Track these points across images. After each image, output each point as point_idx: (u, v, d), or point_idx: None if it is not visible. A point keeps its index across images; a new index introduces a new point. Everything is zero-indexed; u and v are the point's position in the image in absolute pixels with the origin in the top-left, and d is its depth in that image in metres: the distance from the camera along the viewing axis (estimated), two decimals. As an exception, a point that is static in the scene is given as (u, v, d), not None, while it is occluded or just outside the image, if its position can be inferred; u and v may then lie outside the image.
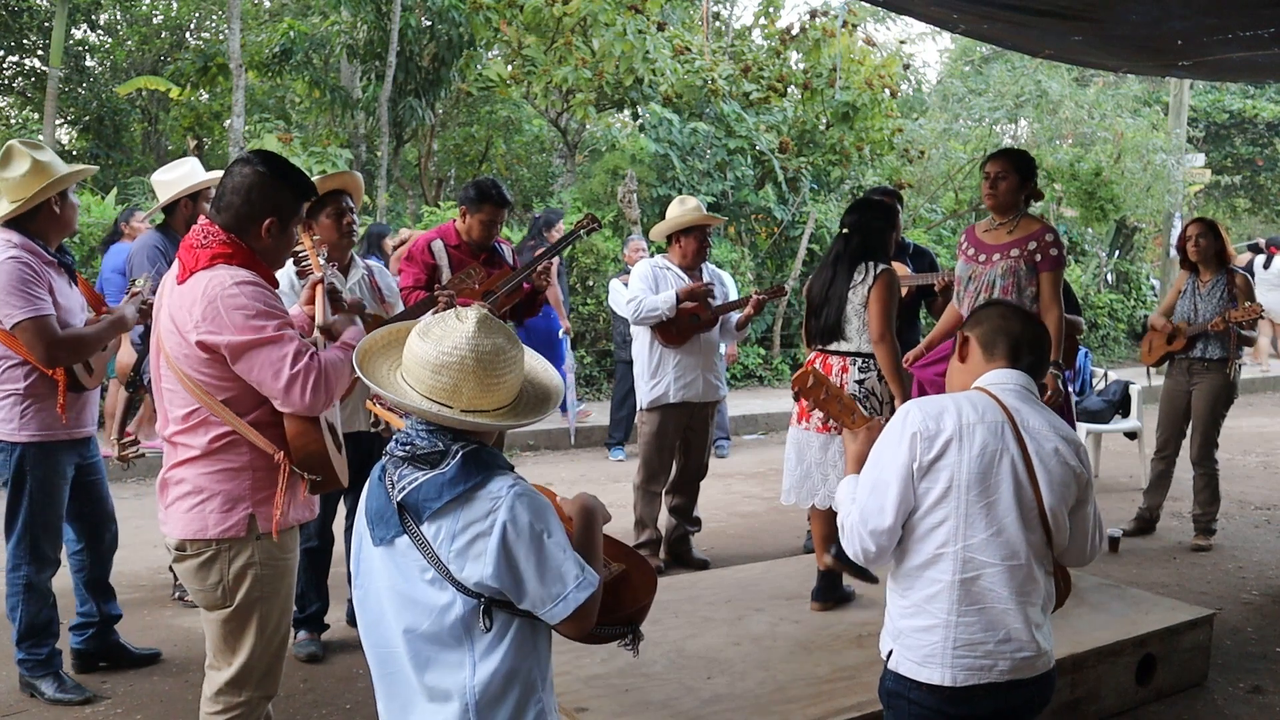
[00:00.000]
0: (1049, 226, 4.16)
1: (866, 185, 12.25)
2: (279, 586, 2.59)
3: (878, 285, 3.98)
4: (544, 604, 1.85)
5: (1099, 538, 2.25)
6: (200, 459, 2.50)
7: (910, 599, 2.12)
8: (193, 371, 2.45)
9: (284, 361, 2.40)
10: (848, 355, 4.06)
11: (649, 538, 5.21)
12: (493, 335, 1.91)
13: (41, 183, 3.40)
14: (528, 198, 14.39)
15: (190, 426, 2.50)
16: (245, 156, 2.58)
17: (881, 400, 4.04)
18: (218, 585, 2.53)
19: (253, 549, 2.52)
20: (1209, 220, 5.76)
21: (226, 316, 2.39)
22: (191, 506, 2.51)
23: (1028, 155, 4.25)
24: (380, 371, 2.00)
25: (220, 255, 2.46)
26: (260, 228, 2.52)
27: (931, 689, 2.08)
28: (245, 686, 2.58)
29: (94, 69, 14.77)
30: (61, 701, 3.58)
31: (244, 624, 2.56)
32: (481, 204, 4.49)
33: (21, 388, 3.46)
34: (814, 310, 4.15)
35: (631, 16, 11.39)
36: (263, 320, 2.41)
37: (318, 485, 2.55)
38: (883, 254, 4.09)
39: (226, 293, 2.41)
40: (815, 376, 2.32)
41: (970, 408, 2.09)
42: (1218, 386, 5.56)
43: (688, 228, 5.06)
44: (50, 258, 3.45)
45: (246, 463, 2.50)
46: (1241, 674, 4.00)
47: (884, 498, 2.07)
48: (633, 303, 5.04)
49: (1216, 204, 22.60)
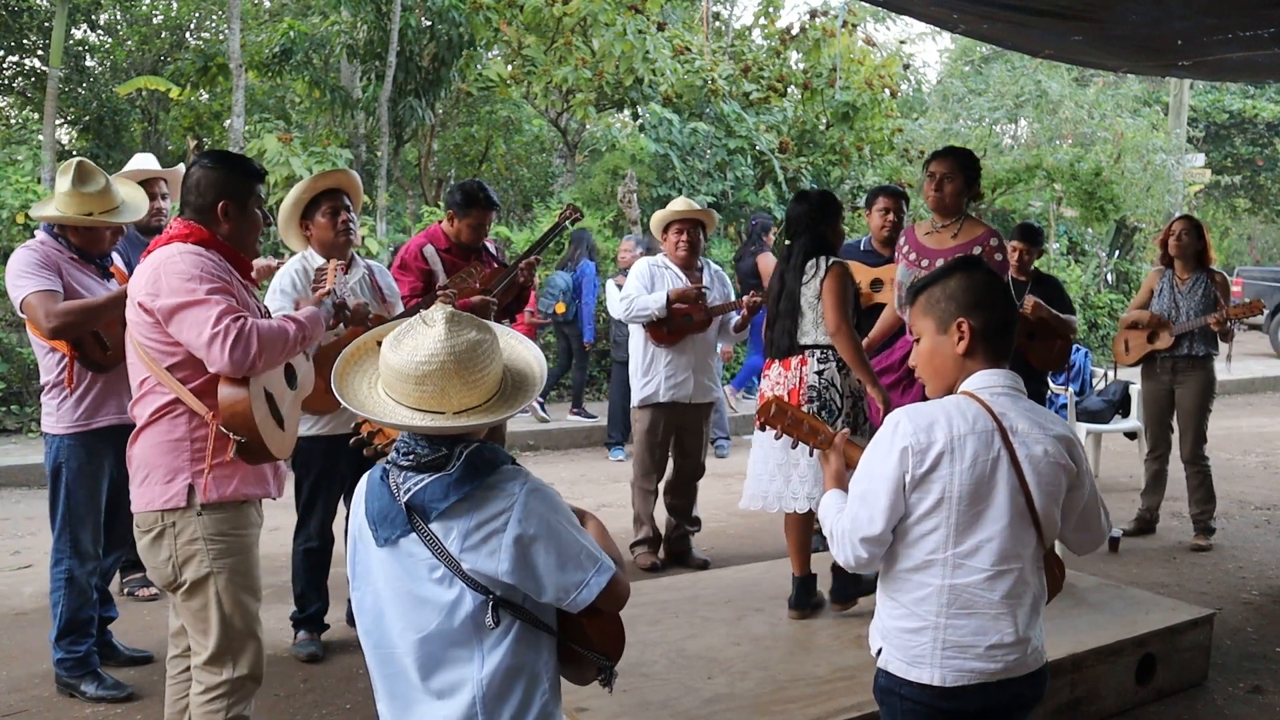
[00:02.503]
0: (993, 230, 4.06)
1: (867, 185, 12.26)
2: (232, 563, 2.64)
3: (830, 277, 3.88)
4: (567, 593, 1.85)
5: (1105, 521, 2.23)
6: (145, 430, 2.65)
7: (900, 601, 2.11)
8: (140, 337, 2.62)
9: (207, 322, 2.51)
10: (805, 348, 3.95)
11: (645, 535, 5.22)
12: (464, 331, 1.86)
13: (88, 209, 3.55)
14: (528, 198, 14.38)
15: (142, 396, 2.66)
16: (194, 158, 2.81)
17: (842, 392, 3.92)
18: (168, 561, 2.62)
19: (196, 523, 2.60)
20: (1195, 219, 5.77)
21: (165, 280, 2.56)
22: (141, 481, 2.64)
23: (973, 156, 4.16)
24: (360, 391, 1.94)
25: (177, 236, 2.67)
26: (217, 212, 2.71)
27: (922, 686, 2.08)
28: (222, 665, 2.64)
29: (94, 69, 14.75)
30: (105, 699, 3.61)
31: (203, 602, 2.62)
32: (469, 208, 4.47)
33: (53, 378, 3.59)
34: (770, 324, 4.05)
35: (631, 16, 11.39)
36: (195, 284, 2.55)
37: (244, 448, 2.60)
38: (830, 250, 3.98)
39: (169, 260, 2.59)
40: (778, 405, 2.36)
41: (960, 417, 2.05)
42: (1204, 383, 5.57)
43: (676, 220, 5.09)
44: (73, 254, 3.57)
45: (185, 432, 2.61)
46: (1241, 674, 4.00)
47: (874, 508, 2.06)
48: (625, 300, 5.04)
49: (1216, 204, 22.60)
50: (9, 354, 7.78)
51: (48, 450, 3.65)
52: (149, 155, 4.66)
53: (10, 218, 8.05)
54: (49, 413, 3.62)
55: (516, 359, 2.03)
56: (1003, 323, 2.15)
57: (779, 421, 2.36)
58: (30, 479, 6.71)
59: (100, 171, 3.64)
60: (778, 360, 4.01)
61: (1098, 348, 13.63)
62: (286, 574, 4.17)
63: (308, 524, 4.05)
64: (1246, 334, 14.98)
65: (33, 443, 7.36)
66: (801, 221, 3.99)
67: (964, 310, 2.12)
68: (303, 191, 3.88)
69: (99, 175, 3.61)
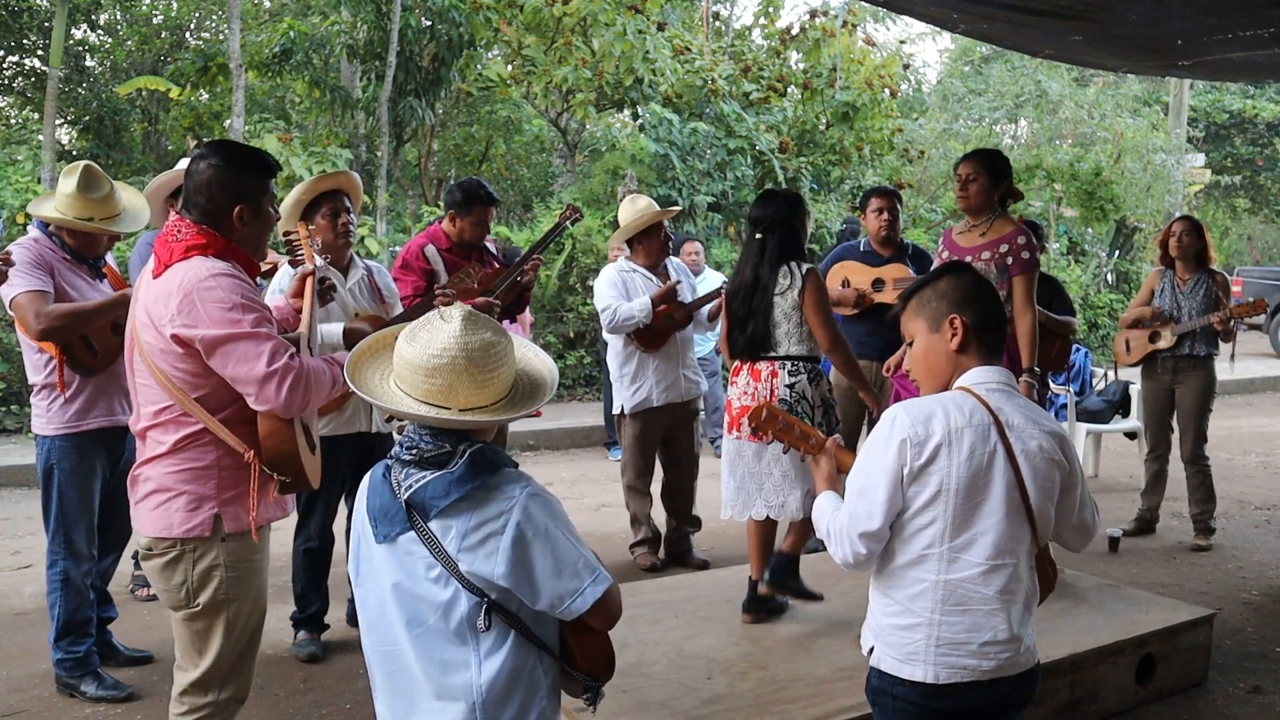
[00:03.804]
0: (1021, 228, 4.06)
1: (866, 185, 12.26)
2: (246, 589, 2.55)
3: (809, 290, 3.76)
4: (561, 600, 1.85)
5: (1094, 519, 2.25)
6: (167, 456, 2.47)
7: (894, 597, 2.11)
8: (167, 367, 2.41)
9: (260, 358, 2.35)
10: (776, 360, 3.83)
11: (645, 536, 5.22)
12: (480, 331, 1.89)
13: (89, 214, 3.53)
14: (528, 198, 14.38)
15: (161, 423, 2.47)
16: (200, 152, 2.54)
17: (813, 404, 3.81)
18: (182, 586, 2.50)
19: (218, 550, 2.48)
20: (1195, 219, 5.77)
21: (202, 309, 2.34)
22: (157, 505, 2.48)
23: (1000, 155, 4.14)
24: (372, 380, 1.98)
25: (195, 247, 2.43)
26: (232, 217, 2.48)
27: (914, 685, 2.08)
28: (210, 688, 2.55)
29: (94, 69, 14.75)
30: (105, 699, 3.61)
31: (210, 625, 2.53)
32: (471, 206, 4.46)
33: (41, 380, 3.58)
34: (738, 323, 3.90)
35: (631, 16, 11.39)
36: (239, 314, 2.36)
37: (287, 486, 2.52)
38: (802, 252, 3.90)
39: (203, 285, 2.36)
40: (769, 410, 2.36)
41: (957, 411, 2.07)
42: (1205, 383, 5.58)
43: (647, 228, 5.00)
44: (66, 255, 3.56)
45: (213, 461, 2.46)
46: (1241, 674, 4.00)
47: (872, 502, 2.06)
48: (606, 311, 4.92)
49: (1216, 204, 22.61)
50: (9, 354, 7.78)
51: (39, 452, 3.63)
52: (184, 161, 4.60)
53: (10, 217, 8.05)
54: (39, 414, 3.60)
55: (531, 369, 2.06)
56: (993, 319, 2.18)
57: (769, 427, 2.36)
58: (30, 479, 6.72)
59: (107, 178, 3.62)
60: (746, 366, 3.90)
61: (1098, 348, 13.63)
62: (286, 574, 4.17)
63: (308, 524, 4.05)
64: (1247, 334, 14.99)
65: (33, 442, 7.35)
66: (772, 220, 3.86)
67: (955, 307, 2.15)
68: (304, 192, 3.88)
69: (105, 181, 3.59)
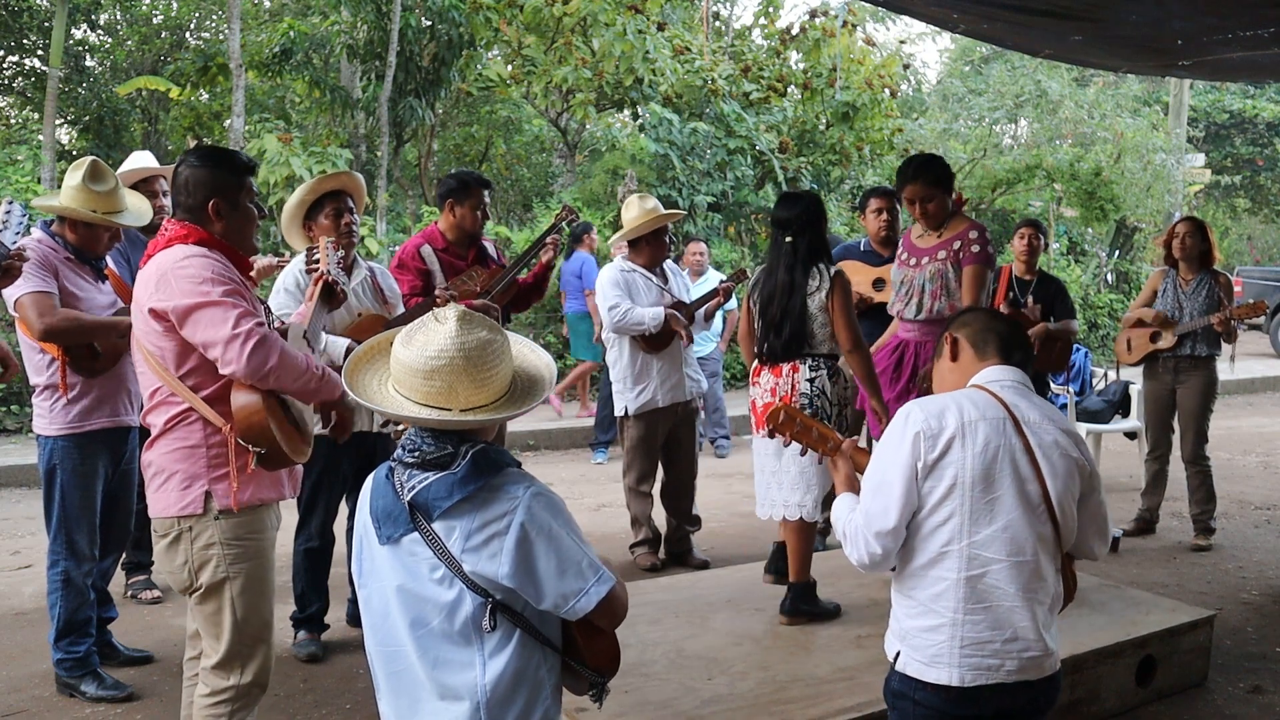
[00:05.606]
0: (975, 224, 4.11)
1: (866, 185, 12.26)
2: (248, 568, 2.63)
3: (837, 292, 3.77)
4: (565, 600, 1.85)
5: (1107, 529, 2.25)
6: (161, 437, 2.62)
7: (916, 598, 2.11)
8: (150, 345, 2.58)
9: (226, 322, 2.49)
10: (799, 355, 3.83)
11: (645, 536, 5.22)
12: (475, 330, 1.89)
13: (92, 205, 3.57)
14: (528, 198, 14.38)
15: (155, 405, 2.63)
16: (182, 156, 2.76)
17: (832, 400, 3.81)
18: (184, 566, 2.62)
19: (213, 528, 2.59)
20: (1199, 220, 5.76)
21: (175, 284, 2.52)
22: (158, 487, 2.63)
23: (939, 162, 4.15)
24: (370, 386, 1.98)
25: (177, 238, 2.63)
26: (209, 211, 2.66)
27: (938, 689, 2.07)
28: (230, 671, 2.64)
29: (94, 69, 14.74)
30: (105, 699, 3.61)
31: (217, 606, 2.63)
32: (468, 190, 4.45)
33: (44, 380, 3.59)
34: (773, 326, 3.85)
35: (631, 16, 11.40)
36: (210, 286, 2.52)
37: (265, 459, 2.58)
38: (828, 253, 3.91)
39: (178, 264, 2.55)
40: (787, 412, 2.38)
41: (971, 405, 2.10)
42: (1206, 383, 5.57)
43: (652, 230, 5.00)
44: (69, 254, 3.59)
45: (201, 439, 2.59)
46: (1241, 674, 4.00)
47: (888, 498, 2.07)
48: (614, 310, 4.92)
49: (1216, 204, 22.60)
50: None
51: (41, 452, 3.64)
52: (146, 153, 4.67)
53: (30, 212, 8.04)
54: (41, 414, 3.61)
55: (528, 365, 2.06)
56: (994, 324, 2.28)
57: (787, 428, 2.38)
58: (31, 479, 6.72)
59: (113, 175, 3.67)
60: (768, 366, 3.90)
61: (1098, 348, 13.64)
62: (287, 574, 4.17)
63: (308, 524, 4.05)
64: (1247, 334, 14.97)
65: (33, 442, 7.35)
66: (799, 222, 3.86)
67: (948, 328, 2.35)
68: (307, 193, 3.88)
69: (111, 177, 3.64)
